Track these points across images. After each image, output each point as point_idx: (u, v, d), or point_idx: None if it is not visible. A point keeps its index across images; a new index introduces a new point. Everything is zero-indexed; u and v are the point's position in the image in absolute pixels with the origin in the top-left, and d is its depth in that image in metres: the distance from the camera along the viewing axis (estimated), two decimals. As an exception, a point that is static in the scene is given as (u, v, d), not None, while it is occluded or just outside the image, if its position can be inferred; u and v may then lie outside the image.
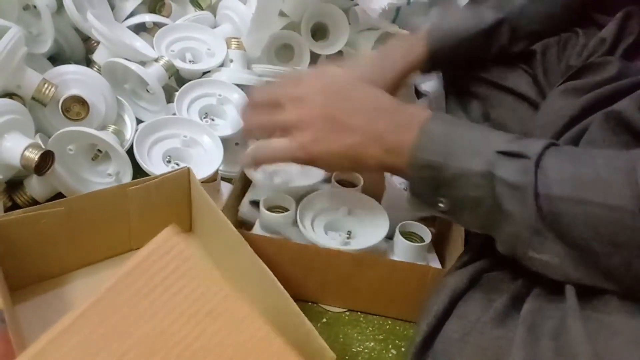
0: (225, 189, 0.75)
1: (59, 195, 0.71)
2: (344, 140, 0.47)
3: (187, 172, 0.62)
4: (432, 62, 0.63)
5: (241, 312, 0.44)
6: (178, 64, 0.80)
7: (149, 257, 0.45)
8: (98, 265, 0.63)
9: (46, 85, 0.68)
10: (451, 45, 0.63)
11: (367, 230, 0.62)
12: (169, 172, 0.61)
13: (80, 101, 0.71)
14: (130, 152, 0.74)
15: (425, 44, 0.62)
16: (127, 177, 0.73)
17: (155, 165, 0.67)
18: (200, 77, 0.82)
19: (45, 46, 0.76)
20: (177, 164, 0.69)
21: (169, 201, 0.63)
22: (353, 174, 0.68)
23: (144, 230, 0.62)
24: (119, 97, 0.78)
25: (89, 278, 0.62)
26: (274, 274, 0.62)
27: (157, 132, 0.70)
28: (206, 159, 0.70)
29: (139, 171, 0.69)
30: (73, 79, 0.73)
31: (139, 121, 0.80)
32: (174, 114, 0.76)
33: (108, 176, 0.73)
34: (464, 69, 0.67)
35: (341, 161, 0.48)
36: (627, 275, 0.39)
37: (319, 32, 0.95)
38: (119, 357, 0.39)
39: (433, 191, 0.44)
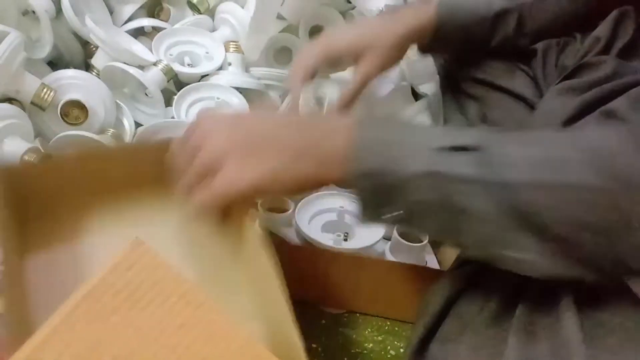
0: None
1: (59, 199, 0.71)
2: (266, 163, 0.42)
3: None
4: (437, 35, 0.62)
5: (216, 323, 0.42)
6: (177, 67, 0.81)
7: (114, 271, 0.44)
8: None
9: (45, 90, 0.69)
10: (458, 21, 0.62)
11: (365, 231, 0.63)
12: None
13: (79, 105, 0.72)
14: (129, 155, 0.74)
15: (436, 13, 0.61)
16: (126, 180, 0.73)
17: None
18: (198, 81, 0.82)
19: (44, 51, 0.77)
20: None
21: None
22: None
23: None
24: (117, 101, 0.78)
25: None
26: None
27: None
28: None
29: (137, 174, 0.70)
30: (72, 83, 0.73)
31: (137, 125, 0.80)
32: (173, 118, 0.76)
33: (107, 180, 0.73)
34: (462, 57, 0.67)
35: (276, 187, 0.43)
36: (605, 260, 0.37)
37: (317, 34, 0.95)
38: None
39: (379, 201, 0.40)
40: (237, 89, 0.81)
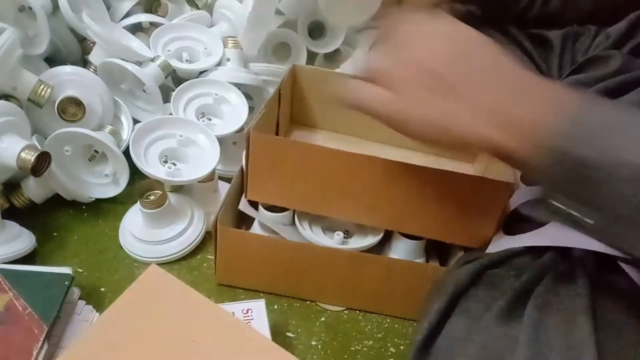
0: (223, 188, 0.74)
1: (57, 196, 0.71)
2: (446, 106, 0.37)
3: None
4: None
5: (231, 332, 0.46)
6: (175, 63, 0.80)
7: (134, 291, 0.49)
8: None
9: (42, 87, 0.68)
10: None
11: (365, 230, 0.62)
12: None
13: (77, 102, 0.71)
14: (127, 152, 0.74)
15: None
16: (124, 177, 0.73)
17: (152, 166, 0.67)
18: (197, 77, 0.82)
19: (41, 47, 0.76)
20: (174, 164, 0.69)
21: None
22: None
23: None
24: (115, 98, 0.78)
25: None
26: (273, 273, 0.63)
27: (152, 132, 0.69)
28: (203, 158, 0.70)
29: (136, 171, 0.69)
30: (69, 80, 0.72)
31: (135, 121, 0.79)
32: (171, 114, 0.75)
33: (105, 177, 0.73)
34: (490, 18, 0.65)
35: (435, 130, 0.38)
36: None
37: (316, 30, 0.94)
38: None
39: (574, 186, 0.35)
40: (236, 84, 0.80)
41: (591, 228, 0.39)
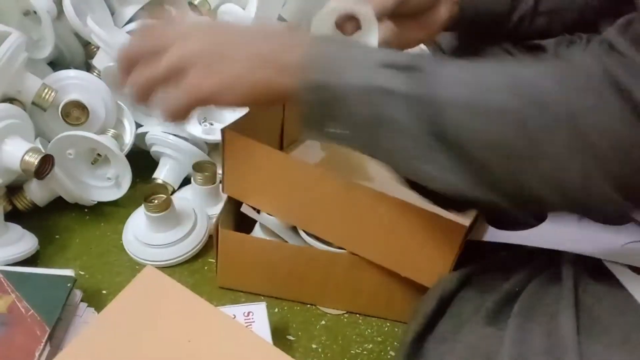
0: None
1: (59, 199, 0.72)
2: (232, 68, 0.43)
3: None
4: (462, 10, 0.60)
5: (226, 331, 0.46)
6: (177, 68, 0.81)
7: (129, 292, 0.49)
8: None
9: (46, 90, 0.69)
10: None
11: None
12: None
13: (80, 106, 0.72)
14: (129, 155, 0.75)
15: None
16: (126, 180, 0.73)
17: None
18: (199, 82, 0.82)
19: (46, 51, 0.77)
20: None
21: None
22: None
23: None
24: (118, 102, 0.78)
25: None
26: (274, 276, 0.63)
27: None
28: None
29: (138, 175, 0.70)
30: (73, 84, 0.73)
31: (138, 125, 0.80)
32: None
33: (107, 180, 0.74)
34: (481, 39, 0.66)
35: (236, 92, 0.43)
36: (515, 188, 0.38)
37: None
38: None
39: (323, 115, 0.41)
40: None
41: (340, 136, 0.42)
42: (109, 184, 0.74)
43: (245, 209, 0.63)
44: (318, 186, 0.56)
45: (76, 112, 0.72)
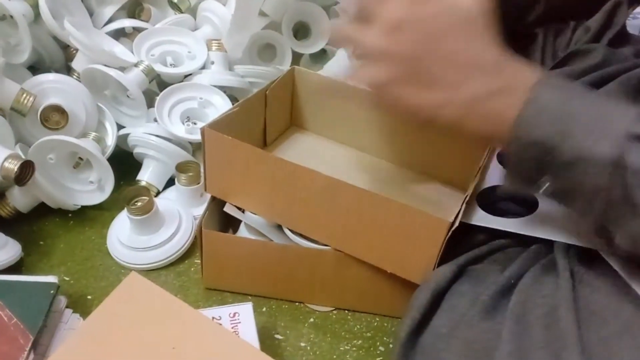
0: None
1: (42, 205, 0.71)
2: (425, 97, 0.40)
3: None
4: None
5: (210, 336, 0.46)
6: (159, 68, 0.80)
7: (114, 299, 0.49)
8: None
9: (25, 95, 0.68)
10: None
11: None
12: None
13: (59, 110, 0.71)
14: (111, 158, 0.74)
15: None
16: (109, 184, 0.72)
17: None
18: (182, 81, 0.82)
19: (24, 56, 0.76)
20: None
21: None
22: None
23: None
24: (99, 104, 0.77)
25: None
26: (260, 275, 0.63)
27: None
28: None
29: (121, 178, 0.69)
30: (52, 87, 0.72)
31: (120, 127, 0.79)
32: (155, 120, 0.75)
33: (90, 184, 0.73)
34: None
35: (418, 118, 0.42)
36: None
37: (301, 31, 0.94)
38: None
39: (538, 171, 0.38)
40: (221, 87, 0.80)
41: (547, 194, 0.40)
42: (92, 187, 0.73)
43: (228, 208, 0.63)
44: (301, 184, 0.55)
45: (56, 116, 0.71)
